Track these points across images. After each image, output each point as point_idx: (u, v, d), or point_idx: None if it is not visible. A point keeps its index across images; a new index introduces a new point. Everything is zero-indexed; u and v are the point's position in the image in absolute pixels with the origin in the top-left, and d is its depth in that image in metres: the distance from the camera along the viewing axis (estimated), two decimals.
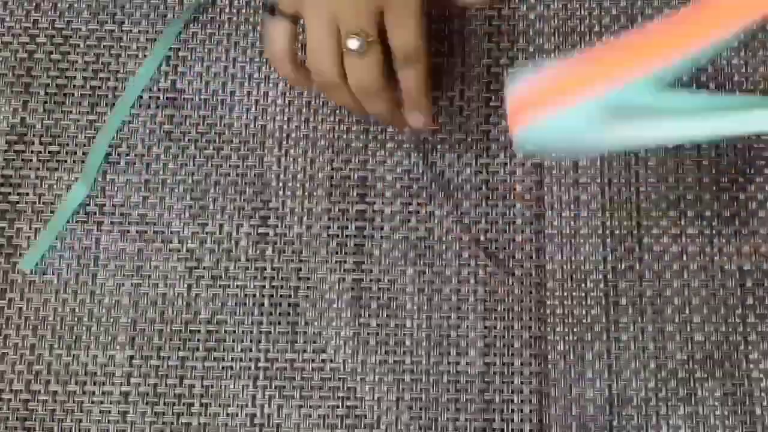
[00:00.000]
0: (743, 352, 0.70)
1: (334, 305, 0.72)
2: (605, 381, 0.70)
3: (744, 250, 0.72)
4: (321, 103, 0.75)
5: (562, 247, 0.73)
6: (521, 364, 0.71)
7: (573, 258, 0.72)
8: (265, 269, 0.72)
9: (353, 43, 0.63)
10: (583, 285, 0.72)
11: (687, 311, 0.71)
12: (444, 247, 0.73)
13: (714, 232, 0.73)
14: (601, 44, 0.61)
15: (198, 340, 0.71)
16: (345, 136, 0.75)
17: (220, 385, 0.70)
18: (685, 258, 0.72)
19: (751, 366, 0.70)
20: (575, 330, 0.71)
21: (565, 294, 0.72)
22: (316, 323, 0.71)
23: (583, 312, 0.71)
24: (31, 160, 0.74)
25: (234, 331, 0.71)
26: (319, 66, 0.65)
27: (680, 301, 0.72)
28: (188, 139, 0.75)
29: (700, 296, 0.72)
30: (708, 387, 0.70)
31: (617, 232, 0.73)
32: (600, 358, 0.71)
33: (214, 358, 0.71)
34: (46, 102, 0.76)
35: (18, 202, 0.74)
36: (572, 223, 0.73)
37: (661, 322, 0.71)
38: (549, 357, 0.71)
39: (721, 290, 0.72)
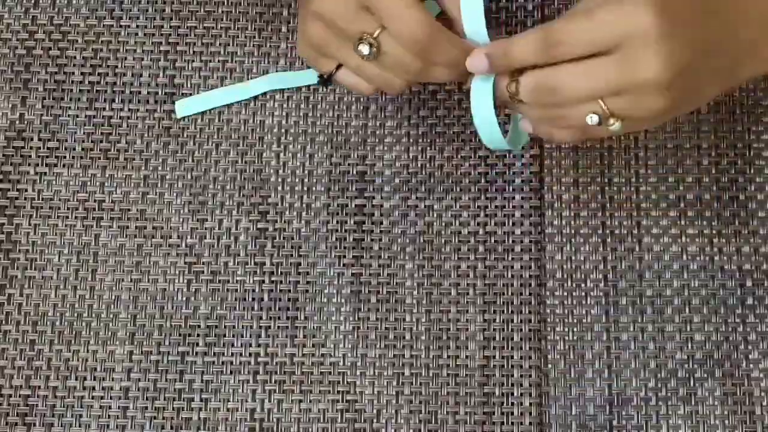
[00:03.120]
0: (743, 351, 0.70)
1: (334, 300, 0.72)
2: (605, 380, 0.70)
3: (744, 250, 0.72)
4: (319, 98, 0.75)
5: (562, 246, 0.73)
6: (520, 357, 0.71)
7: (573, 258, 0.72)
8: (265, 264, 0.72)
9: (365, 50, 0.60)
10: (583, 285, 0.72)
11: (687, 311, 0.71)
12: (443, 241, 0.73)
13: (714, 232, 0.73)
14: None
15: (198, 335, 0.71)
16: (343, 132, 0.75)
17: (220, 380, 0.70)
18: (685, 258, 0.72)
19: (751, 366, 0.70)
20: (575, 329, 0.71)
21: (565, 293, 0.72)
22: (315, 318, 0.72)
23: (583, 312, 0.71)
24: (30, 156, 0.74)
25: (234, 326, 0.71)
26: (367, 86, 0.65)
27: (680, 301, 0.72)
28: (187, 135, 0.75)
29: (700, 296, 0.72)
30: (708, 387, 0.70)
31: (617, 231, 0.73)
32: (600, 358, 0.71)
33: (214, 353, 0.71)
34: (44, 98, 0.76)
35: (17, 198, 0.74)
36: (572, 222, 0.73)
37: (661, 322, 0.71)
38: (549, 357, 0.71)
39: (721, 290, 0.72)
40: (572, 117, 0.59)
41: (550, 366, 0.71)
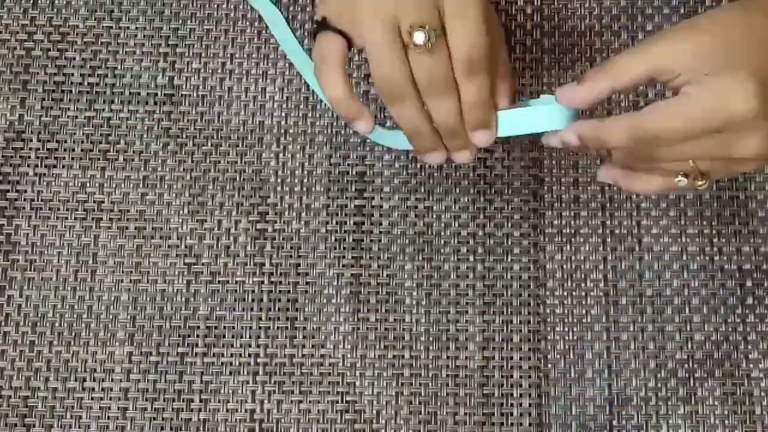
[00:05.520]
0: (743, 351, 0.71)
1: (333, 300, 0.72)
2: (605, 380, 0.70)
3: (744, 250, 0.72)
4: (318, 99, 0.75)
5: (562, 246, 0.73)
6: (520, 358, 0.71)
7: (573, 257, 0.73)
8: (264, 265, 0.73)
9: (419, 37, 0.55)
10: (583, 284, 0.72)
11: (687, 311, 0.72)
12: (442, 242, 0.73)
13: (714, 231, 0.73)
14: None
15: (197, 336, 0.71)
16: (343, 132, 0.75)
17: (220, 381, 0.71)
18: (685, 258, 0.72)
19: (751, 365, 0.70)
20: (575, 329, 0.71)
21: (565, 293, 0.72)
22: (315, 318, 0.72)
23: (583, 311, 0.72)
24: (29, 158, 0.75)
25: (233, 327, 0.71)
26: (385, 71, 0.57)
27: (680, 300, 0.72)
28: (186, 136, 0.75)
29: (700, 296, 0.72)
30: (708, 387, 0.70)
31: (617, 231, 0.73)
32: (600, 358, 0.71)
33: (214, 354, 0.71)
34: (44, 99, 0.76)
35: (16, 200, 0.74)
36: (572, 222, 0.73)
37: (660, 322, 0.71)
38: (549, 356, 0.71)
39: (721, 290, 0.72)
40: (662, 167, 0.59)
41: (549, 366, 0.71)
